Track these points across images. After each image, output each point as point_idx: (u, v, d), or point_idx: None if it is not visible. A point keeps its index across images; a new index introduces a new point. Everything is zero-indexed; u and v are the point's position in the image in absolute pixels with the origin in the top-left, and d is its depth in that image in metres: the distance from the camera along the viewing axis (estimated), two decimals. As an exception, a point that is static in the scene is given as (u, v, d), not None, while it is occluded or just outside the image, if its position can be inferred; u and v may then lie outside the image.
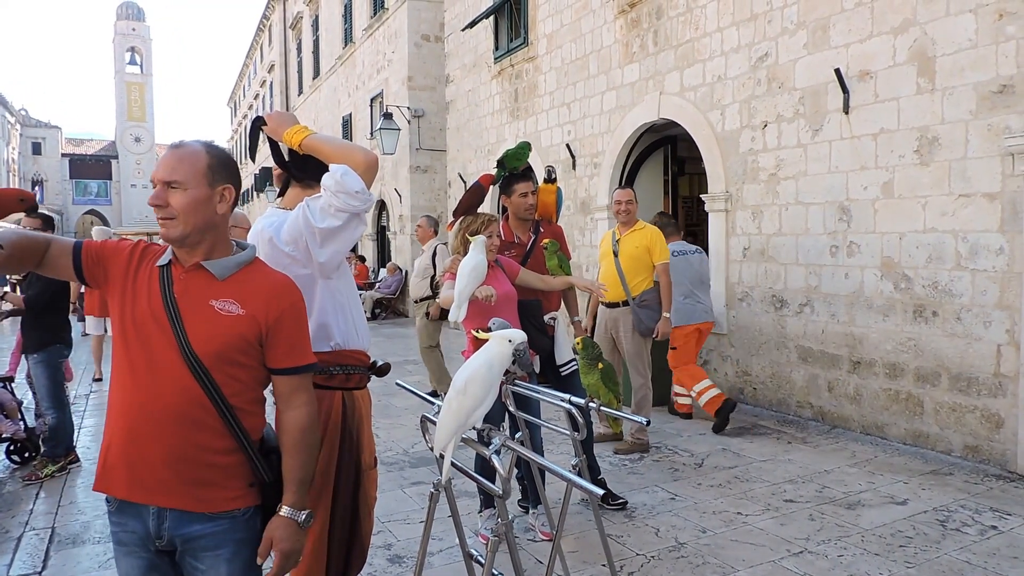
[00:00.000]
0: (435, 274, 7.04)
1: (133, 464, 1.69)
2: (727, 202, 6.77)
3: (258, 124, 2.29)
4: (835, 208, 5.70)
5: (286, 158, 2.34)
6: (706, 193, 7.08)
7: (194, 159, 1.72)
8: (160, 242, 1.85)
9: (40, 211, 5.10)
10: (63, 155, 56.26)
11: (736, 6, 6.55)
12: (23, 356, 5.15)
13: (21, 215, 4.60)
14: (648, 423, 2.50)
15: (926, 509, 4.00)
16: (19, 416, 5.35)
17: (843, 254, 5.66)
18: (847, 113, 5.54)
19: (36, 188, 54.68)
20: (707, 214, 7.16)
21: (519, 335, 1.90)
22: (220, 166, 1.75)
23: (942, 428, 4.99)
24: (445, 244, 7.23)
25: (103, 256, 1.79)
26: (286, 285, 1.81)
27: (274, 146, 2.34)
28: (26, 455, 5.37)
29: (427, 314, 6.95)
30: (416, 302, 7.26)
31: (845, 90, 5.50)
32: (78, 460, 5.23)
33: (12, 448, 5.35)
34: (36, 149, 55.03)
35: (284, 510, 1.74)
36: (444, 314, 6.94)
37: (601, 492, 1.68)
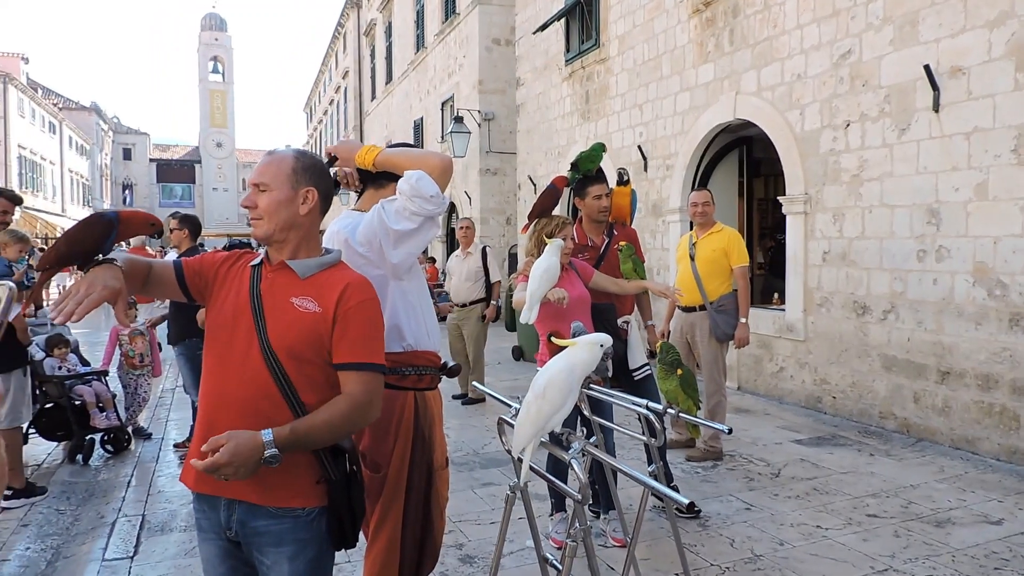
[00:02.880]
0: (488, 277, 7.01)
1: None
2: (806, 204, 6.56)
3: (331, 163, 2.34)
4: (923, 211, 5.46)
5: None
6: (783, 195, 6.89)
7: (280, 164, 1.81)
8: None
9: (183, 213, 5.57)
10: (151, 160, 59.15)
11: (817, 2, 6.35)
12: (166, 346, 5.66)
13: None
14: (729, 431, 2.44)
15: (1023, 530, 3.78)
16: (113, 408, 5.64)
17: (931, 259, 5.41)
18: (937, 111, 5.30)
19: (126, 191, 57.62)
20: (784, 217, 6.97)
21: (608, 339, 1.88)
22: (304, 170, 1.82)
23: (1040, 444, 4.71)
24: (488, 246, 7.24)
25: (203, 267, 1.89)
26: (359, 283, 1.81)
27: None
28: (118, 445, 5.66)
29: (483, 317, 6.95)
30: (464, 305, 7.03)
31: (935, 87, 5.26)
32: None
33: (106, 439, 5.64)
34: (127, 155, 58.05)
35: (265, 433, 1.61)
36: (496, 317, 7.00)
37: (686, 502, 1.65)
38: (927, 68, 5.28)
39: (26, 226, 29.45)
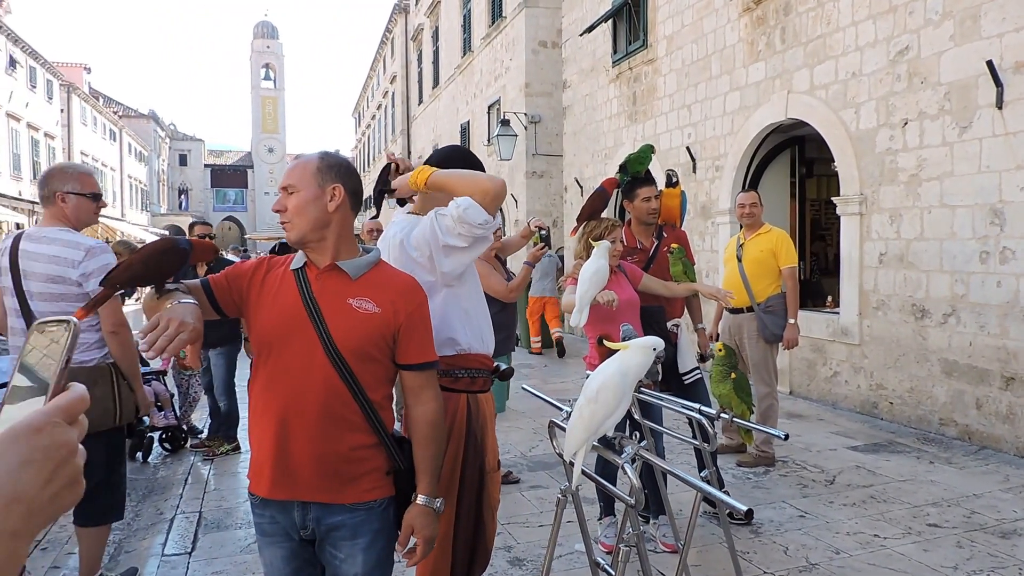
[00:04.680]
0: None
1: (280, 461, 1.77)
2: (861, 205, 6.40)
3: (386, 170, 2.36)
4: (986, 211, 5.27)
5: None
6: (837, 196, 6.73)
7: (305, 165, 1.82)
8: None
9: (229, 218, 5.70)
10: (205, 165, 60.80)
11: (873, -2, 6.20)
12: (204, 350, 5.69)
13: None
14: (786, 437, 2.39)
15: (1096, 543, 3.62)
16: (171, 407, 5.81)
17: (995, 260, 5.22)
18: (1001, 108, 5.11)
19: (182, 196, 59.33)
20: (838, 218, 6.81)
21: (661, 343, 1.87)
22: (328, 168, 1.81)
23: (1114, 454, 4.51)
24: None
25: (231, 281, 1.88)
26: (413, 285, 1.88)
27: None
28: (176, 443, 5.83)
29: None
30: None
31: (998, 83, 5.08)
32: (240, 448, 5.62)
33: (164, 437, 5.81)
34: (182, 160, 59.80)
35: (420, 499, 1.81)
36: None
37: (745, 508, 1.62)
38: (990, 64, 5.10)
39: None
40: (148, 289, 1.82)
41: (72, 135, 34.29)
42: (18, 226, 26.89)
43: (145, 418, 4.14)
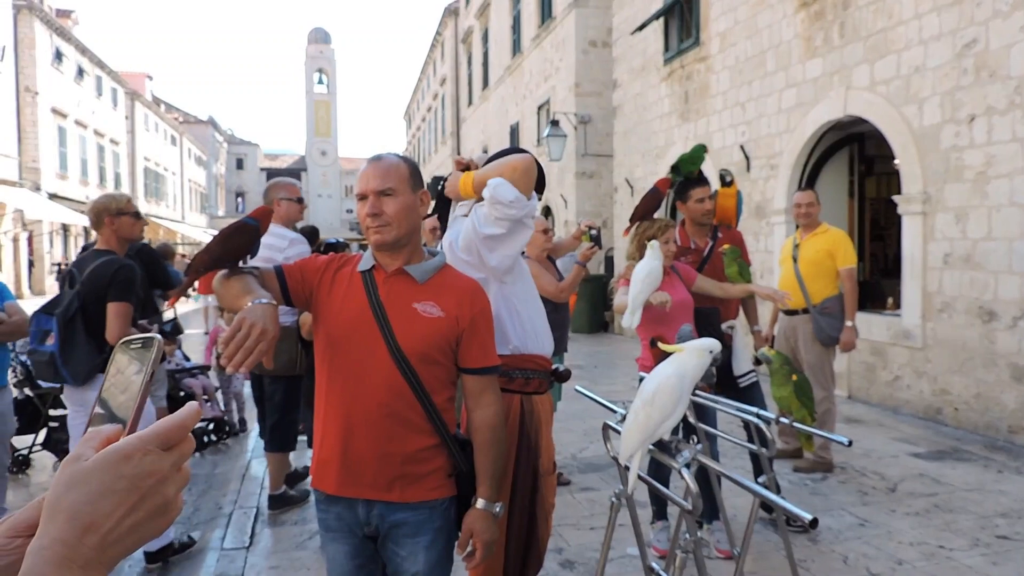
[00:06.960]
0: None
1: (346, 460, 1.79)
2: (925, 204, 6.19)
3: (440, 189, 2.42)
4: (1060, 209, 5.04)
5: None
6: (898, 194, 6.52)
7: (399, 168, 1.82)
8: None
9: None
10: (261, 169, 62.34)
11: (937, -10, 5.98)
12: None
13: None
14: (849, 443, 2.32)
15: None
16: (215, 399, 6.04)
17: (1069, 261, 4.99)
18: (1076, 101, 4.88)
19: (239, 199, 60.90)
20: (898, 217, 6.60)
21: (718, 345, 1.83)
22: (416, 173, 1.86)
23: None
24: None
25: (305, 274, 1.88)
26: (477, 290, 1.88)
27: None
28: (220, 434, 6.04)
29: None
30: None
31: (1074, 75, 4.86)
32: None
33: (210, 428, 6.01)
34: (239, 164, 61.47)
35: (480, 503, 1.81)
36: None
37: (810, 517, 1.57)
38: (1064, 55, 4.88)
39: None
40: (218, 272, 1.83)
41: (136, 141, 35.53)
42: (86, 229, 27.97)
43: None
